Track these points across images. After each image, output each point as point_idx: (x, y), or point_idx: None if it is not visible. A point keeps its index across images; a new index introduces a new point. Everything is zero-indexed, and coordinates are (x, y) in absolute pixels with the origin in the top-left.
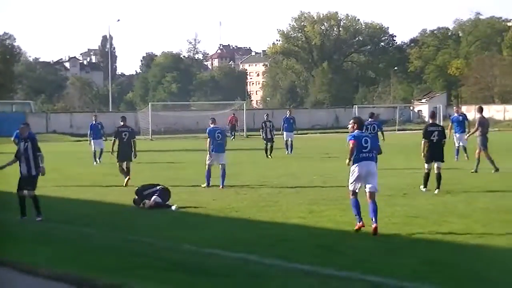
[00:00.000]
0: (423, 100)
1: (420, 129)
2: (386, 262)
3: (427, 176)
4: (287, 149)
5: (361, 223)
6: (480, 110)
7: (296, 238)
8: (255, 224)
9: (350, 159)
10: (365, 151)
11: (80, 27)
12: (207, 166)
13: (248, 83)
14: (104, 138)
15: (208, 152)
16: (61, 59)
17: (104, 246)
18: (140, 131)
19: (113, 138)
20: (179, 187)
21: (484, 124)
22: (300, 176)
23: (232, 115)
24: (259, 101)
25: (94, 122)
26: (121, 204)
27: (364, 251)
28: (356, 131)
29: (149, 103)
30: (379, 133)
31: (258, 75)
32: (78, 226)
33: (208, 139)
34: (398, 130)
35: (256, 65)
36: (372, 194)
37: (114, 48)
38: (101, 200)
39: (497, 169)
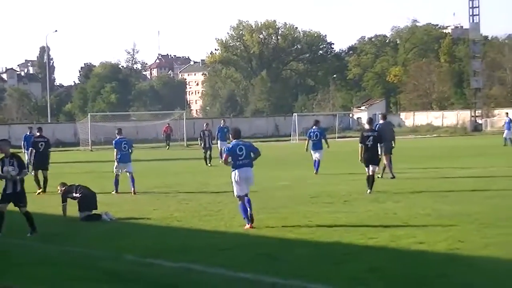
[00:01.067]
0: (363, 108)
1: (358, 136)
2: (328, 270)
3: (368, 179)
4: (221, 158)
5: (250, 224)
6: (384, 117)
7: (239, 246)
8: (198, 233)
9: (226, 163)
10: (241, 158)
11: (17, 38)
12: (115, 175)
13: (188, 92)
14: None
15: (115, 161)
16: None
17: (40, 258)
18: (80, 142)
19: (30, 148)
20: (119, 197)
21: (387, 130)
22: None
23: (167, 125)
24: (198, 110)
25: (28, 133)
26: (55, 214)
27: (307, 258)
28: (233, 141)
29: (88, 114)
30: (323, 140)
31: (197, 84)
32: (10, 238)
33: (115, 149)
34: (338, 137)
35: (195, 74)
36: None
37: (52, 58)
38: (36, 211)
39: (393, 177)
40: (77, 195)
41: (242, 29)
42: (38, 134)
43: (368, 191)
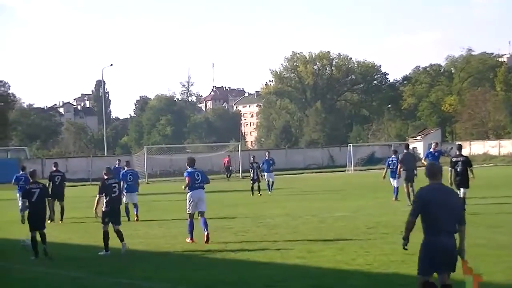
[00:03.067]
0: (418, 137)
1: (417, 166)
2: None
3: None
4: (269, 189)
5: (191, 239)
6: (406, 147)
7: (294, 278)
8: (253, 265)
9: (185, 188)
10: (197, 182)
11: (73, 72)
12: (124, 204)
13: (242, 124)
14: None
15: (123, 192)
16: (55, 104)
17: None
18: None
19: (48, 181)
20: (175, 229)
21: (409, 160)
22: (296, 216)
23: (227, 156)
24: (253, 142)
25: (117, 165)
26: (112, 247)
27: None
28: (189, 168)
29: (144, 147)
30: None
31: (252, 115)
32: (67, 270)
33: (122, 181)
34: None
35: (249, 106)
36: (202, 213)
37: (108, 92)
38: (92, 244)
39: (410, 205)
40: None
41: (296, 60)
42: (54, 168)
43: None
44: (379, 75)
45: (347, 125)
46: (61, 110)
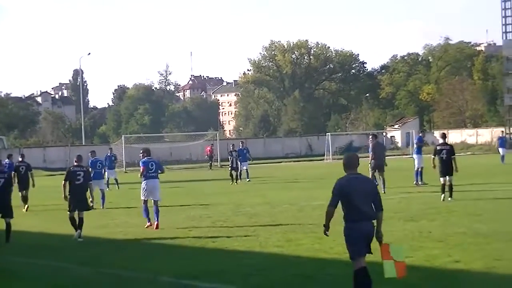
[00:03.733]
0: (396, 126)
1: (393, 155)
2: None
3: (443, 187)
4: (247, 177)
5: (149, 223)
6: (375, 137)
7: (275, 267)
8: (233, 254)
9: (141, 176)
10: (150, 172)
11: (50, 61)
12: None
13: (221, 113)
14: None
15: None
16: (33, 94)
17: (73, 281)
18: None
19: (13, 172)
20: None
21: (379, 149)
22: (275, 204)
23: (210, 145)
24: (232, 131)
25: (109, 154)
26: (91, 236)
27: (342, 278)
28: (145, 158)
29: (122, 136)
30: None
31: (230, 105)
32: (47, 260)
33: (90, 168)
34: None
35: (228, 95)
36: (156, 202)
37: (85, 81)
38: (70, 233)
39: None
40: None
41: (274, 49)
42: (20, 159)
43: (449, 198)
44: (357, 64)
45: (325, 114)
46: (39, 99)
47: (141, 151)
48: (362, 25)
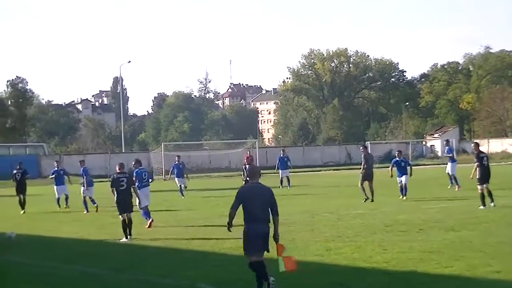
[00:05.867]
0: (436, 135)
1: (434, 164)
2: None
3: (482, 196)
4: (281, 185)
5: (151, 219)
6: (365, 148)
7: (313, 275)
8: (271, 262)
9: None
10: (144, 181)
11: (91, 69)
12: (82, 197)
13: (260, 121)
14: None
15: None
16: (73, 101)
17: None
18: (153, 172)
19: (12, 178)
20: (191, 227)
21: (370, 159)
22: (313, 213)
23: (247, 153)
24: (271, 139)
25: (176, 162)
26: (128, 244)
27: (379, 286)
28: (138, 168)
29: (162, 144)
30: (408, 168)
31: (269, 113)
32: (83, 266)
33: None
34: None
35: (267, 103)
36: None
37: (125, 89)
38: (107, 239)
39: (367, 199)
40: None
41: (313, 57)
42: (18, 167)
43: (491, 204)
44: (396, 73)
45: (365, 123)
46: (79, 106)
47: (133, 162)
48: (402, 33)
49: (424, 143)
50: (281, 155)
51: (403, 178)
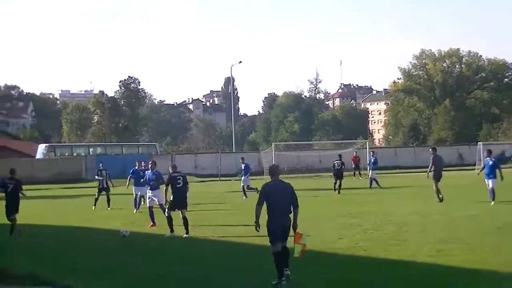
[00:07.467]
0: None
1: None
2: None
3: None
4: (370, 185)
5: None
6: (434, 150)
7: (426, 276)
8: (383, 263)
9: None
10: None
11: (203, 70)
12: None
13: (370, 121)
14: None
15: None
16: (185, 101)
17: None
18: (263, 171)
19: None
20: (304, 226)
21: (439, 161)
22: (425, 214)
23: (354, 154)
24: (381, 140)
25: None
26: (232, 241)
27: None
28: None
29: (272, 144)
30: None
31: (379, 113)
32: (193, 266)
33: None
34: None
35: (377, 103)
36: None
37: (236, 89)
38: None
39: (440, 200)
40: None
41: (425, 58)
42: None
43: None
44: (510, 73)
45: (477, 124)
46: (191, 106)
47: (149, 162)
48: None
49: None
50: (372, 157)
51: (490, 182)
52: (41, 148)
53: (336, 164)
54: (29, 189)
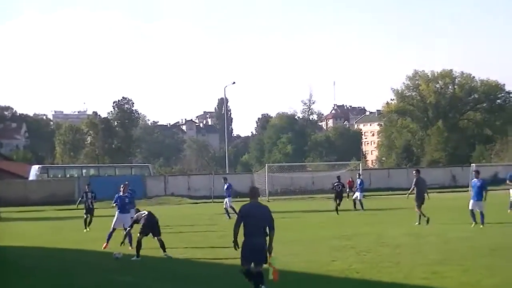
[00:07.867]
0: None
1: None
2: None
3: None
4: (355, 207)
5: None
6: (418, 173)
7: None
8: (376, 285)
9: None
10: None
11: (196, 90)
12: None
13: (363, 143)
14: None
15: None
16: (178, 122)
17: None
18: None
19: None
20: (298, 248)
21: (421, 184)
22: (419, 236)
23: (350, 179)
24: (374, 161)
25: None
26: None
27: None
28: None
29: (265, 165)
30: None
31: (373, 134)
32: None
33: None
34: None
35: (370, 124)
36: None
37: (230, 110)
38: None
39: (427, 221)
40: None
41: (418, 78)
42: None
43: None
44: (503, 94)
45: (470, 145)
46: (184, 127)
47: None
48: (508, 54)
49: None
50: (359, 179)
51: (477, 206)
52: (34, 169)
53: (336, 186)
54: (22, 210)
